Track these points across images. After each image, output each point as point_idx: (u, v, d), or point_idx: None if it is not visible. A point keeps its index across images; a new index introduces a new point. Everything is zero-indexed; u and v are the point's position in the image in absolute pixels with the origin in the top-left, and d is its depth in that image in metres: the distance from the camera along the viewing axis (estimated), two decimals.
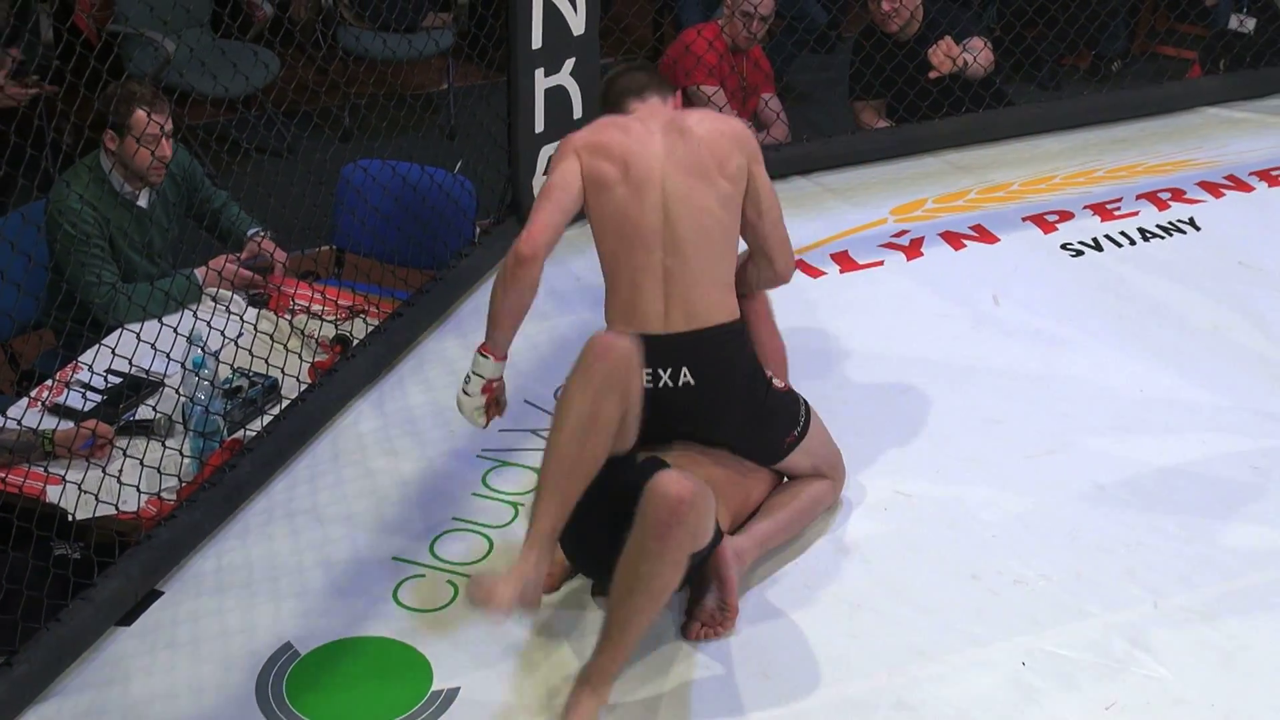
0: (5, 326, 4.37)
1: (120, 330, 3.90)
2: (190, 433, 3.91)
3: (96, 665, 3.37)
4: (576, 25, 5.10)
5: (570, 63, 5.12)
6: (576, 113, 5.22)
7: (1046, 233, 5.24)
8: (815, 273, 4.91)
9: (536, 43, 4.98)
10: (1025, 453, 4.03)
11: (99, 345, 4.02)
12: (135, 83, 4.50)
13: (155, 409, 4.01)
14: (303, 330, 4.48)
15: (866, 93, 6.02)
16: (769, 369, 3.65)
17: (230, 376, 4.14)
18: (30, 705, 3.25)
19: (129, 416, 4.05)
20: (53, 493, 3.66)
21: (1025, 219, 5.34)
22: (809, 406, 3.67)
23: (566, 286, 4.91)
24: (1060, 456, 4.02)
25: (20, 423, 3.68)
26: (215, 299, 4.46)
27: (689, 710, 3.19)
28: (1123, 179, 5.62)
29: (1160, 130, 6.03)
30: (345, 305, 4.62)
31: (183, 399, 3.97)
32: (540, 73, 5.04)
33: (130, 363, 3.84)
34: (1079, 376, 4.36)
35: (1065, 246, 5.13)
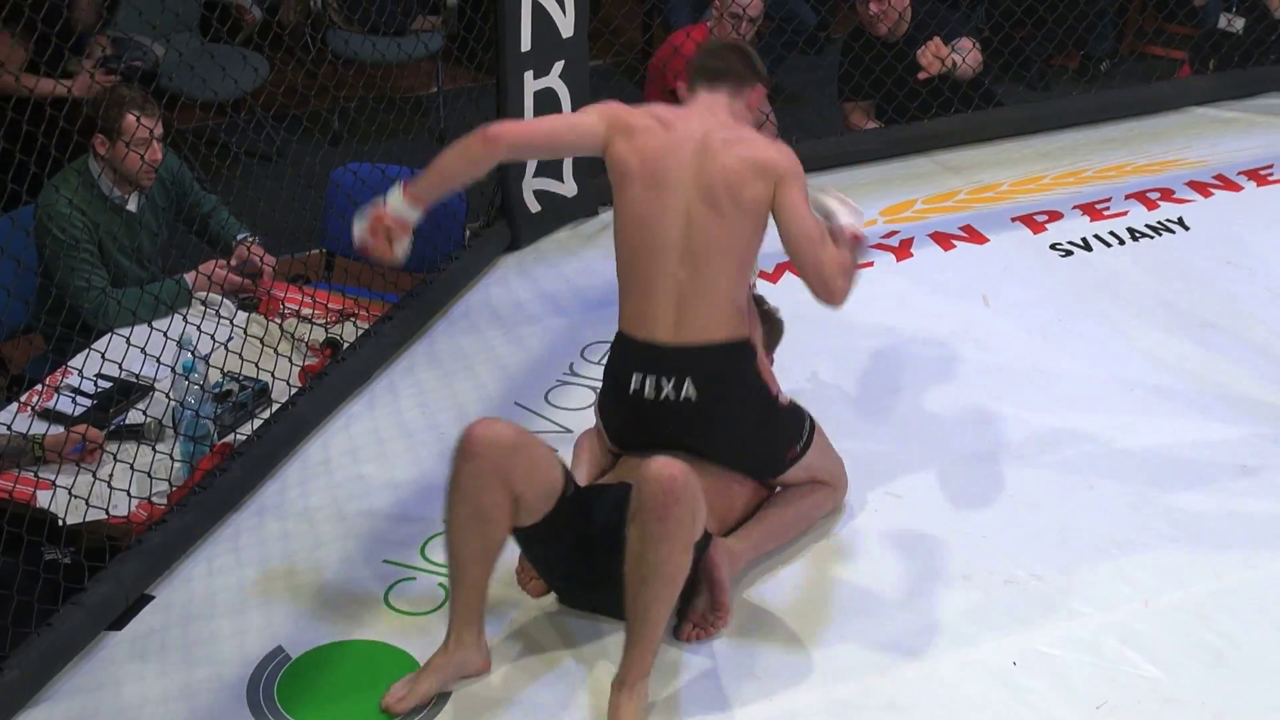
0: None
1: (110, 335, 3.90)
2: (180, 437, 3.91)
3: (87, 670, 3.36)
4: (565, 27, 5.11)
5: (559, 65, 5.13)
6: None
7: (1036, 233, 5.25)
8: None
9: (525, 45, 4.99)
10: (1015, 453, 4.03)
11: (89, 350, 4.02)
12: (125, 88, 4.50)
13: (145, 413, 4.01)
14: (293, 334, 4.48)
15: (855, 94, 6.02)
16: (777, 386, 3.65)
17: (220, 380, 4.13)
18: (21, 710, 3.24)
19: (119, 421, 4.05)
20: (43, 498, 3.66)
21: (1015, 219, 5.35)
22: (813, 422, 3.66)
23: (557, 288, 4.91)
24: (1050, 456, 4.02)
25: (10, 428, 3.68)
26: (205, 303, 4.45)
27: (680, 711, 3.19)
28: (1112, 179, 5.63)
29: (1149, 130, 6.05)
30: (335, 309, 4.62)
31: (173, 403, 3.96)
32: (529, 75, 5.04)
33: (120, 367, 3.84)
34: (1069, 376, 4.37)
35: (1055, 246, 5.14)
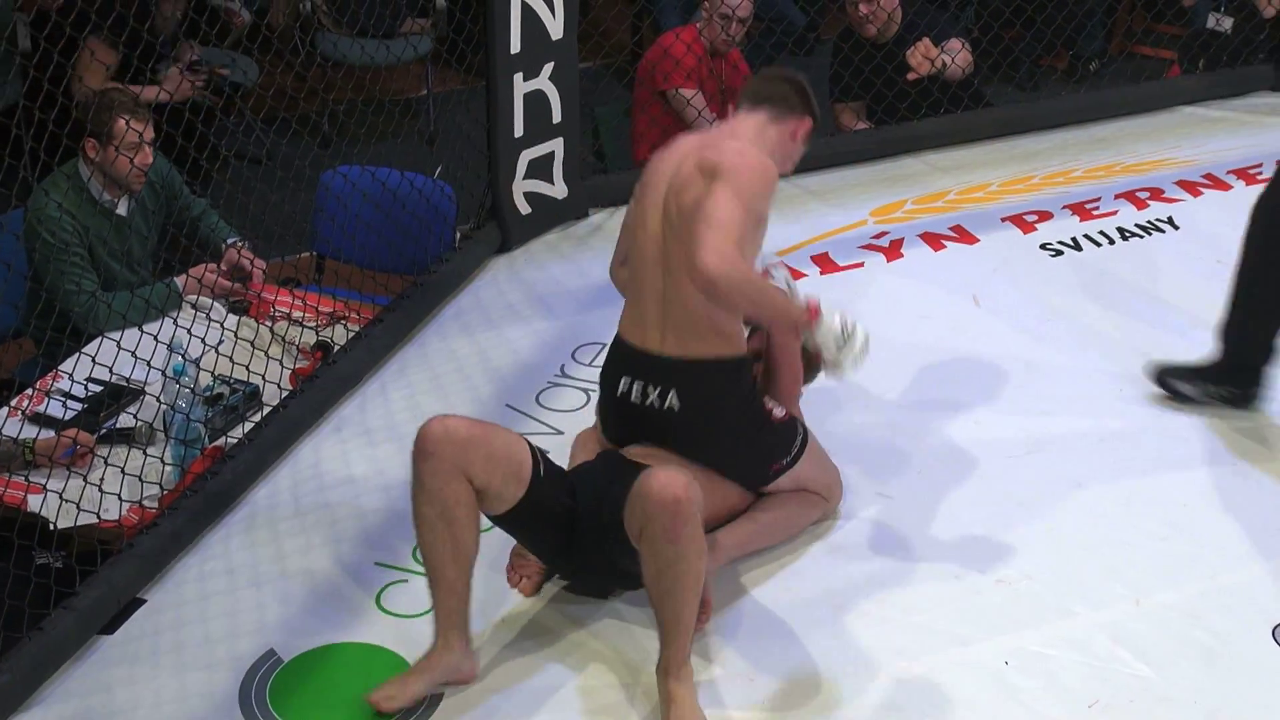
0: None
1: (100, 338, 3.89)
2: (171, 440, 3.90)
3: (79, 674, 3.36)
4: (555, 30, 5.10)
5: (549, 67, 5.12)
6: (555, 117, 5.22)
7: (1026, 233, 5.26)
8: (796, 275, 4.90)
9: (515, 47, 4.98)
10: (1007, 453, 4.04)
11: (79, 353, 4.01)
12: (116, 91, 4.49)
13: (136, 417, 4.00)
14: (284, 337, 4.47)
15: (845, 95, 6.03)
16: (777, 389, 3.64)
17: (211, 384, 4.13)
18: (13, 715, 3.23)
19: (110, 425, 4.04)
20: (34, 502, 3.65)
21: (1004, 219, 5.35)
22: (807, 436, 3.65)
23: (548, 290, 4.92)
24: (1041, 456, 4.02)
25: (0, 432, 3.67)
26: (195, 306, 4.45)
27: None
28: (1101, 179, 5.64)
29: (1138, 130, 6.06)
30: (326, 311, 4.61)
31: (164, 406, 3.96)
32: (519, 77, 5.04)
33: (110, 371, 3.83)
34: (1059, 376, 4.37)
35: (1045, 246, 5.15)
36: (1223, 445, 4.04)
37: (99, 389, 4.06)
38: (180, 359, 3.97)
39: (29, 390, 4.15)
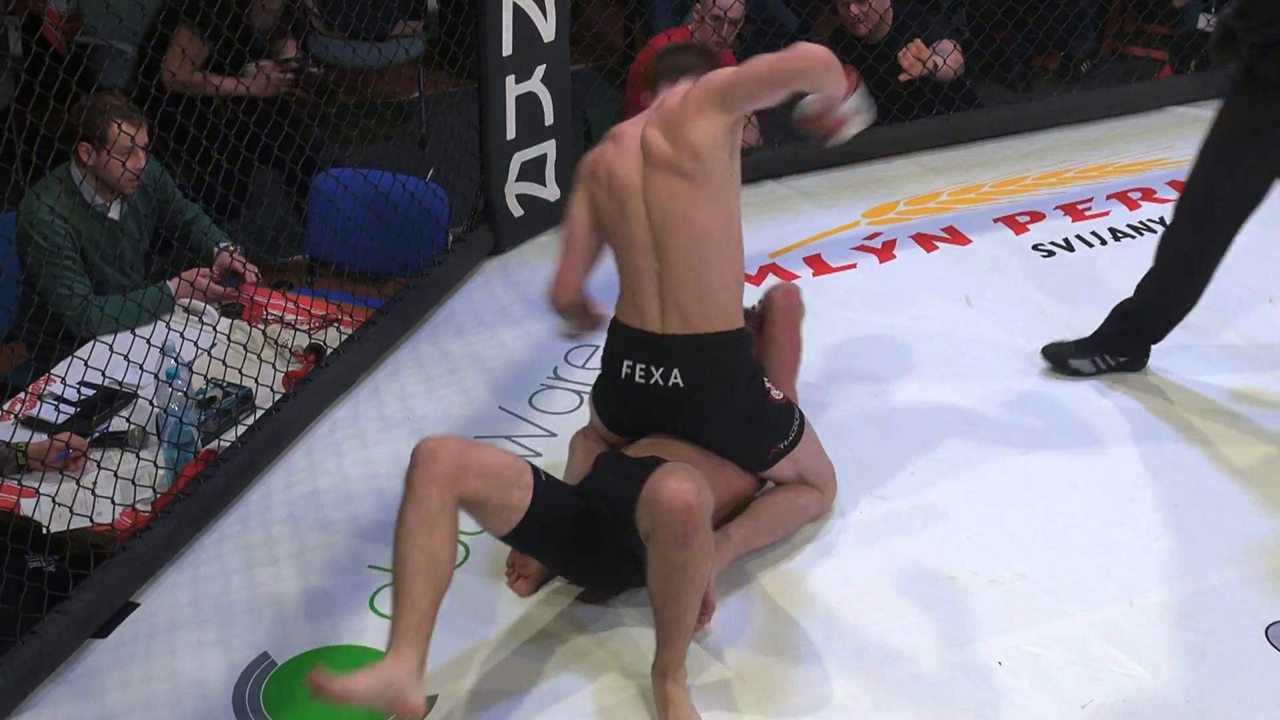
0: None
1: (93, 342, 3.89)
2: (164, 444, 3.90)
3: (72, 678, 3.36)
4: (547, 32, 5.11)
5: (541, 69, 5.13)
6: (548, 119, 5.22)
7: (1018, 234, 5.26)
8: (789, 276, 4.92)
9: (507, 50, 4.99)
10: (999, 453, 4.04)
11: (72, 357, 4.00)
12: (112, 96, 4.48)
13: (129, 421, 4.00)
14: (276, 340, 4.47)
15: None
16: (773, 376, 3.66)
17: (204, 387, 4.13)
18: (6, 719, 3.23)
19: (103, 429, 4.04)
20: (27, 506, 3.65)
21: (997, 220, 5.36)
22: (804, 421, 3.67)
23: (540, 292, 4.86)
24: (1034, 457, 4.03)
25: None
26: (188, 309, 4.44)
27: None
28: (1093, 179, 5.65)
29: (1130, 130, 6.07)
30: (319, 314, 4.61)
31: (156, 410, 3.96)
32: (511, 79, 5.04)
33: (103, 374, 3.83)
34: (1052, 377, 4.37)
35: (1037, 247, 5.15)
36: (1217, 446, 4.05)
37: (91, 393, 4.06)
38: (173, 362, 3.97)
39: (21, 394, 4.14)
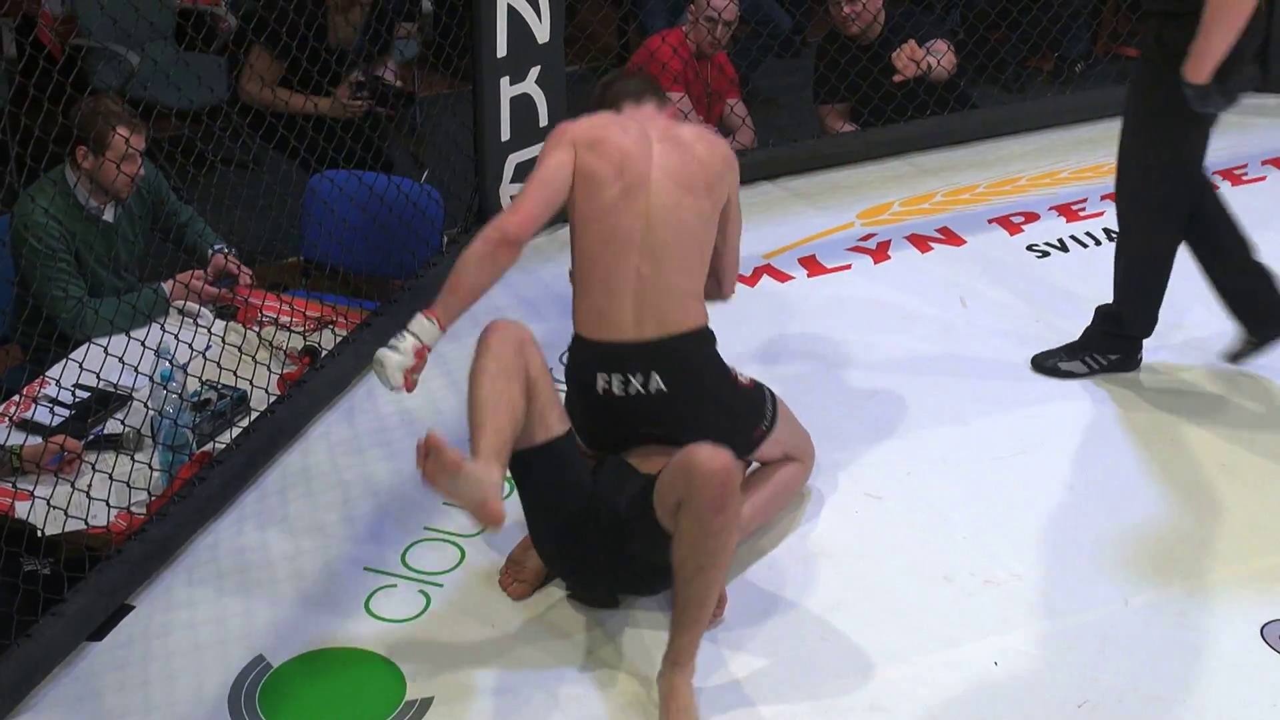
0: None
1: (87, 344, 3.89)
2: (159, 446, 3.90)
3: (68, 681, 3.36)
4: (541, 33, 5.11)
5: (535, 71, 5.13)
6: (542, 120, 5.22)
7: (1012, 234, 5.27)
8: (783, 277, 4.93)
9: (501, 51, 4.99)
10: (994, 454, 4.04)
11: (66, 360, 4.00)
12: (112, 101, 4.47)
13: (124, 423, 4.00)
14: (271, 342, 4.47)
15: (831, 97, 6.04)
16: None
17: (199, 389, 4.13)
18: None
19: (97, 431, 4.03)
20: (21, 508, 3.65)
21: (991, 221, 5.36)
22: (774, 396, 3.69)
23: (535, 294, 4.91)
24: (1029, 457, 4.03)
25: None
26: (183, 312, 4.44)
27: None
28: (1088, 180, 5.65)
29: None
30: (313, 316, 4.61)
31: (151, 412, 3.95)
32: (506, 81, 5.04)
33: (98, 377, 3.83)
34: (1045, 378, 4.38)
35: (1031, 248, 5.16)
36: (1211, 446, 4.05)
37: (87, 395, 4.06)
38: (168, 364, 3.97)
39: (16, 397, 4.14)
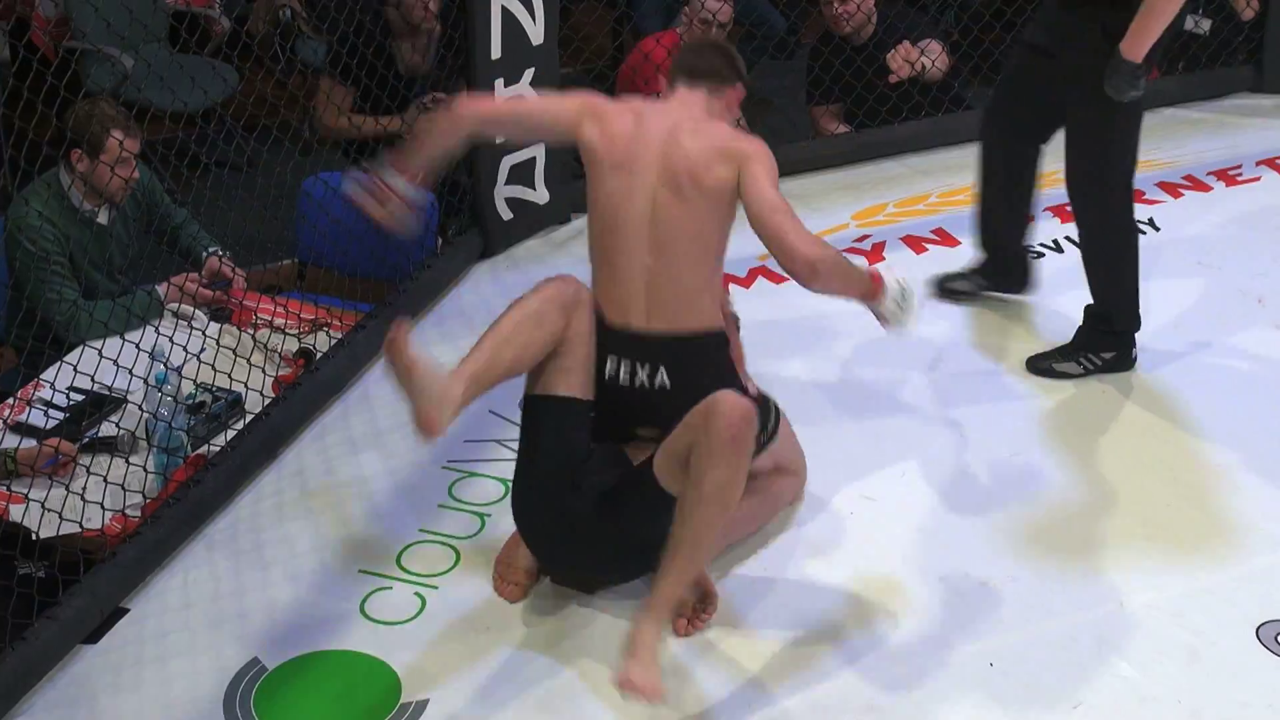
0: None
1: (81, 347, 3.88)
2: (154, 449, 3.90)
3: (63, 684, 3.35)
4: (535, 35, 5.10)
5: (529, 72, 5.12)
6: None
7: None
8: (778, 279, 4.92)
9: (495, 53, 4.98)
10: (989, 455, 4.04)
11: (60, 362, 4.00)
12: (108, 104, 4.47)
13: (118, 425, 3.99)
14: (265, 344, 4.47)
15: (825, 98, 6.03)
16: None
17: (193, 392, 4.12)
18: None
19: (92, 434, 4.03)
20: (16, 511, 3.64)
21: None
22: (779, 411, 3.69)
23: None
24: (1023, 458, 4.03)
25: None
26: (177, 314, 4.44)
27: (655, 716, 3.19)
28: None
29: None
30: (308, 318, 4.61)
31: (146, 415, 3.95)
32: (500, 83, 5.04)
33: (92, 380, 3.83)
34: (1041, 378, 4.38)
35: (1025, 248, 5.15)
36: (1207, 447, 4.05)
37: (81, 398, 4.06)
38: (162, 367, 3.97)
39: (10, 399, 4.14)
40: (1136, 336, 4.38)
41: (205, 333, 4.31)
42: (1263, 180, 5.67)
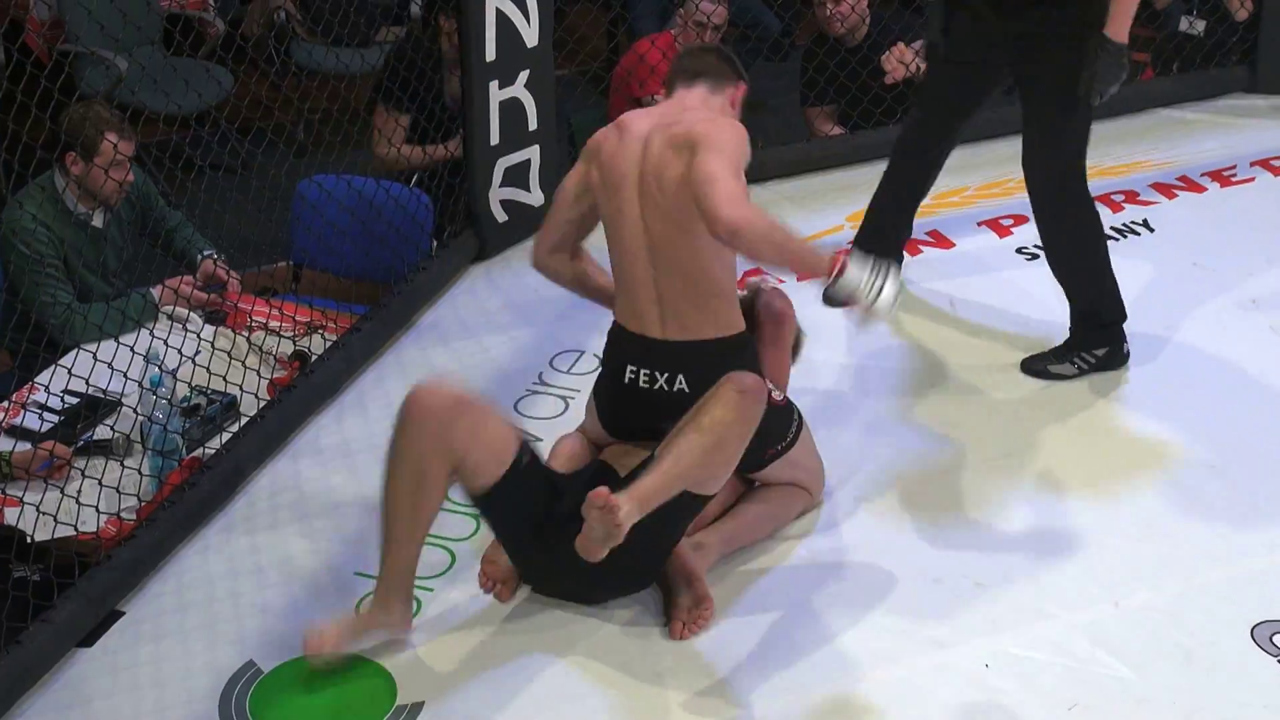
0: None
1: (76, 350, 3.88)
2: (149, 451, 3.89)
3: (57, 688, 3.35)
4: (530, 37, 5.10)
5: (524, 75, 5.12)
6: (531, 124, 5.22)
7: (1002, 237, 5.27)
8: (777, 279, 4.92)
9: (490, 55, 4.98)
10: (984, 456, 4.04)
11: (55, 366, 3.99)
12: (103, 107, 4.47)
13: (113, 428, 3.99)
14: (261, 347, 4.46)
15: (820, 100, 6.04)
16: (770, 376, 3.64)
17: (188, 394, 4.12)
18: None
19: (87, 437, 4.03)
20: (11, 515, 3.64)
21: (980, 224, 5.37)
22: (801, 421, 3.68)
23: (525, 298, 4.91)
24: (1019, 459, 4.03)
25: None
26: (172, 317, 4.44)
27: (653, 717, 3.20)
28: None
29: (1112, 132, 6.06)
30: (303, 321, 4.60)
31: (141, 418, 3.95)
32: (494, 85, 5.04)
33: (87, 383, 3.82)
34: (1035, 380, 4.38)
35: (1021, 250, 5.16)
36: (1201, 446, 4.06)
37: (76, 401, 4.05)
38: (157, 370, 3.96)
39: (4, 403, 4.14)
40: (1128, 332, 4.37)
41: (200, 336, 4.31)
42: (1257, 181, 5.68)
